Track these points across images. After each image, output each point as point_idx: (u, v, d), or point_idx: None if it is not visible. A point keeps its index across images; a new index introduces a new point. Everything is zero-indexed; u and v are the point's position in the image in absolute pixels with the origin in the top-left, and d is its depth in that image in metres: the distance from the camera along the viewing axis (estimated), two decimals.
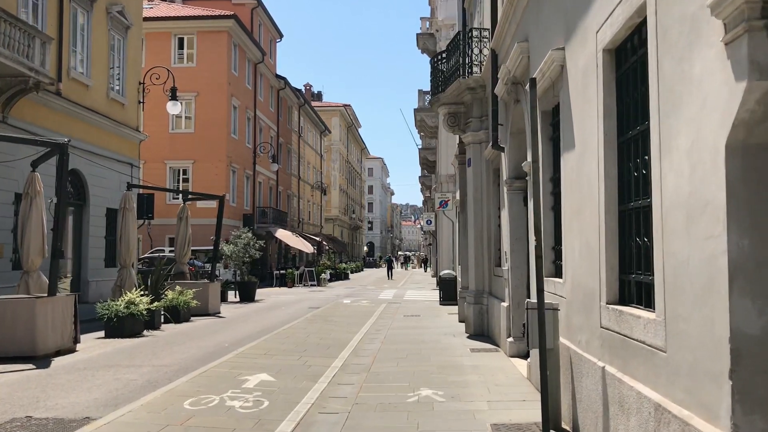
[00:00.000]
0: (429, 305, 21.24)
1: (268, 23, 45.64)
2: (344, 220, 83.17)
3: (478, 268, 13.24)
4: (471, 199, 13.45)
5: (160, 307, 15.14)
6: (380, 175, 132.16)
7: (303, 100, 56.19)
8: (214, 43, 36.18)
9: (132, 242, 16.60)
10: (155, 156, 35.69)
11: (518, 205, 10.34)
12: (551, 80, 6.87)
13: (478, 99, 13.27)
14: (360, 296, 26.77)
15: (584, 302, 5.61)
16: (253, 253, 23.98)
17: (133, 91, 24.33)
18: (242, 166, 39.21)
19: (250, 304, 22.18)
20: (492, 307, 12.48)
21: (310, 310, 19.83)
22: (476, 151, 13.29)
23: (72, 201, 20.70)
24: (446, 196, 24.34)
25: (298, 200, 55.74)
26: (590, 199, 5.36)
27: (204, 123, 35.95)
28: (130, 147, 24.19)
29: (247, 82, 40.55)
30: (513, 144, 10.28)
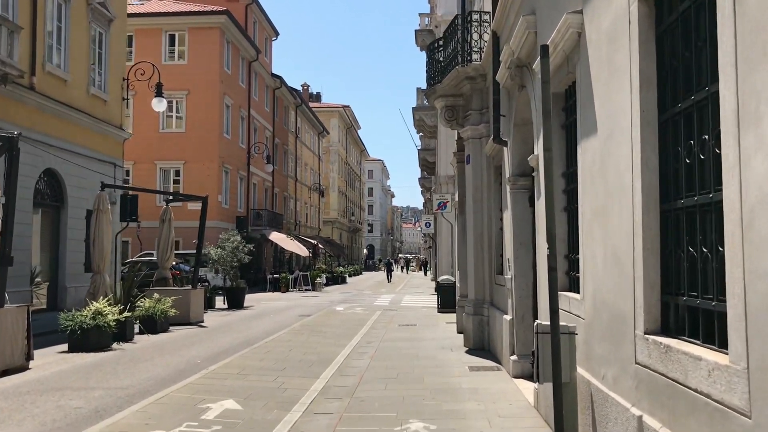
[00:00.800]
0: (426, 313, 20.05)
1: (263, 20, 44.49)
2: (343, 223, 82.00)
3: (477, 275, 12.05)
4: (470, 200, 12.28)
5: (133, 317, 13.96)
6: (380, 177, 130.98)
7: (300, 100, 55.05)
8: (206, 40, 35.04)
9: (106, 246, 15.43)
10: (145, 156, 34.57)
11: (523, 206, 9.16)
12: (565, 53, 5.69)
13: (478, 90, 12.09)
14: (355, 302, 25.58)
15: (611, 327, 4.43)
16: (242, 257, 22.79)
17: (116, 87, 23.17)
18: (235, 167, 38.04)
19: (238, 312, 21.00)
20: (493, 319, 11.29)
21: (299, 318, 18.65)
22: (476, 146, 12.12)
23: (48, 202, 19.55)
24: (445, 197, 23.17)
25: (295, 202, 54.56)
26: (620, 195, 4.19)
27: (195, 122, 34.80)
28: (113, 146, 23.02)
29: (241, 80, 39.39)
30: (517, 137, 9.11)
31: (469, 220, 12.40)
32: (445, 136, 32.70)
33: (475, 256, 12.05)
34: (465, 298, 13.94)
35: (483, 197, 11.94)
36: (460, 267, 15.01)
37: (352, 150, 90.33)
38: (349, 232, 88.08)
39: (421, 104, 34.45)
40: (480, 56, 11.69)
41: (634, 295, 3.88)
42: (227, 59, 36.61)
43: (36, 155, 18.12)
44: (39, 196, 18.78)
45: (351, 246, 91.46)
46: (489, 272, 11.80)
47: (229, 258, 22.42)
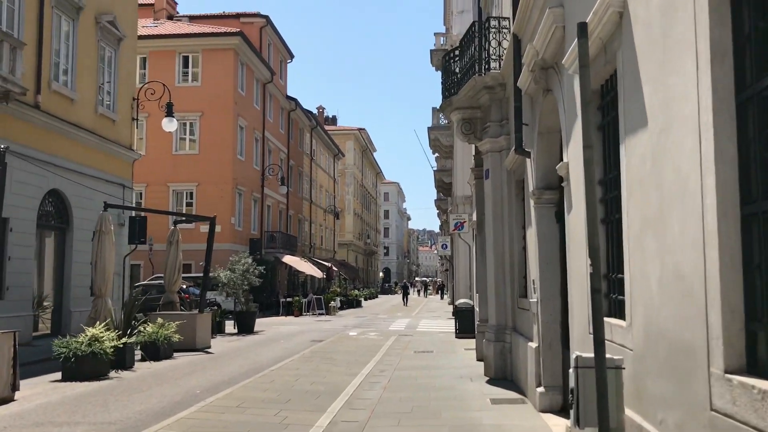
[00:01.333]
0: (444, 338, 19.15)
1: (278, 43, 44.27)
2: (359, 246, 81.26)
3: (498, 298, 11.20)
4: (490, 217, 11.47)
5: (134, 343, 13.24)
6: (396, 199, 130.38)
7: (315, 122, 54.71)
8: (220, 62, 34.75)
9: (108, 269, 14.78)
10: (158, 178, 34.18)
11: (549, 222, 8.35)
12: (602, 41, 4.93)
13: (497, 100, 11.35)
14: (369, 327, 24.72)
15: (671, 362, 3.60)
16: (253, 280, 22.06)
17: (126, 107, 22.73)
18: (249, 189, 37.52)
19: (248, 337, 20.22)
20: (516, 346, 10.41)
21: (311, 343, 17.82)
22: (495, 160, 11.34)
23: (53, 224, 19.01)
24: (462, 217, 22.37)
25: (310, 225, 53.96)
26: (682, 198, 3.39)
27: (209, 144, 34.39)
28: (122, 166, 22.51)
29: (255, 102, 39.04)
30: (541, 147, 8.33)
31: (489, 240, 11.59)
32: (461, 155, 31.97)
33: (496, 277, 11.22)
34: (485, 323, 13.07)
35: (503, 214, 11.13)
36: (479, 290, 14.18)
37: (367, 172, 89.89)
38: (364, 255, 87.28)
39: (437, 124, 33.83)
40: (499, 64, 10.97)
41: (707, 323, 3.07)
42: (241, 81, 36.28)
43: (41, 175, 17.62)
44: (43, 218, 18.23)
45: (367, 269, 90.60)
46: (511, 295, 10.95)
47: (239, 281, 21.70)
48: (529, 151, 8.81)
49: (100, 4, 20.62)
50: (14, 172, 16.61)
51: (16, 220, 16.67)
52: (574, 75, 5.95)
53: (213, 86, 34.55)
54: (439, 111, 34.88)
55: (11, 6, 16.58)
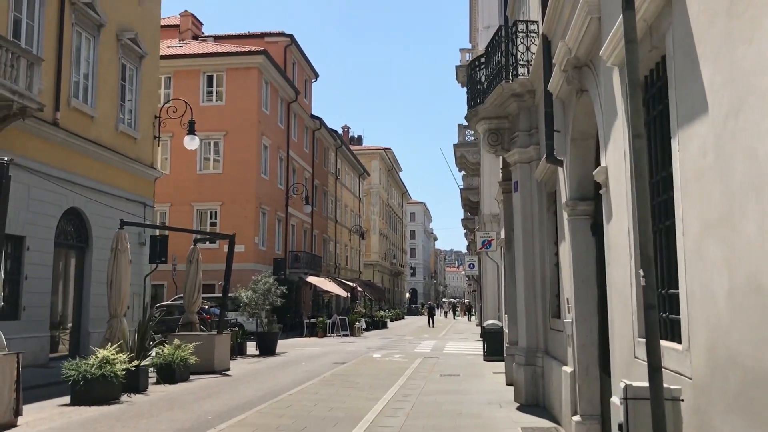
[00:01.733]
0: (471, 361, 18.40)
1: (302, 61, 44.22)
2: (385, 266, 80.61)
3: (529, 319, 10.50)
4: (519, 233, 10.81)
5: (147, 365, 12.76)
6: (423, 219, 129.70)
7: (340, 141, 54.50)
8: (244, 80, 34.66)
9: (124, 288, 14.36)
10: (182, 198, 34.05)
11: (584, 236, 7.69)
12: (646, 23, 4.34)
13: (526, 108, 10.75)
14: (394, 349, 24.02)
15: (746, 394, 2.94)
16: (275, 300, 21.55)
17: (147, 124, 22.54)
18: (273, 208, 37.22)
19: (269, 359, 19.67)
20: (549, 370, 9.70)
21: (332, 366, 17.21)
22: (524, 172, 10.71)
23: (72, 243, 18.73)
24: (489, 235, 21.68)
25: (335, 244, 53.52)
26: (758, 191, 2.76)
27: (233, 163, 34.20)
28: (144, 185, 22.27)
29: (280, 121, 38.88)
30: (575, 154, 7.70)
31: (518, 257, 10.92)
32: (488, 172, 31.32)
33: (526, 297, 10.53)
34: (515, 345, 12.37)
35: (534, 229, 10.48)
36: (508, 310, 13.48)
37: (393, 192, 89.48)
38: (390, 276, 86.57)
39: (463, 141, 33.26)
40: (527, 70, 10.39)
41: None
42: (265, 100, 36.15)
43: (59, 193, 17.39)
44: (62, 236, 17.97)
45: (393, 289, 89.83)
46: (543, 316, 10.25)
47: (260, 301, 21.20)
48: (562, 160, 8.18)
49: (121, 21, 20.52)
50: (32, 190, 16.41)
51: (34, 238, 16.41)
52: (612, 68, 5.36)
53: (237, 105, 34.44)
54: (465, 127, 34.35)
55: (30, 23, 16.47)
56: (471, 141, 33.15)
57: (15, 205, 15.99)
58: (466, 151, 32.89)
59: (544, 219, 10.16)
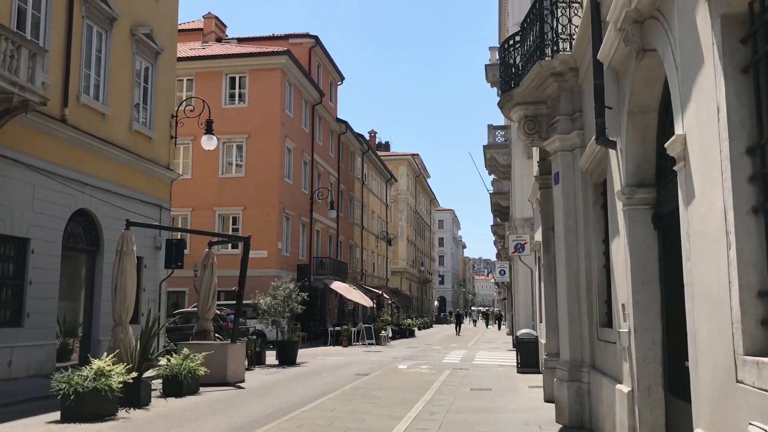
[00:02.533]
0: (504, 373, 17.09)
1: (328, 64, 43.31)
2: (412, 273, 79.32)
3: (573, 328, 9.21)
4: (561, 231, 9.54)
5: (150, 377, 11.73)
6: (451, 227, 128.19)
7: (367, 146, 53.50)
8: (267, 82, 33.80)
9: (129, 293, 13.37)
10: (204, 203, 33.26)
11: (643, 229, 6.44)
12: None
13: (567, 89, 9.50)
14: (421, 359, 22.76)
15: None
16: (295, 306, 20.45)
17: (163, 124, 21.68)
18: (297, 213, 36.24)
19: (288, 369, 18.56)
20: (597, 387, 8.40)
21: (354, 378, 16.04)
22: (566, 161, 9.45)
23: (82, 246, 17.86)
24: (522, 238, 20.38)
25: (361, 251, 52.43)
26: None
27: (255, 167, 33.31)
28: (159, 187, 21.39)
29: (304, 124, 37.96)
30: (633, 132, 6.45)
31: (560, 258, 9.64)
32: (519, 174, 29.98)
33: (569, 303, 9.25)
34: (554, 357, 11.10)
35: (578, 225, 9.20)
36: (547, 317, 12.19)
37: (421, 199, 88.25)
38: (418, 283, 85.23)
39: (493, 142, 31.96)
40: (569, 45, 9.15)
41: None
42: (289, 102, 35.25)
43: (67, 194, 16.54)
44: (71, 239, 17.11)
45: (421, 297, 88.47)
46: (589, 325, 8.96)
47: (280, 308, 20.12)
48: (614, 141, 6.93)
49: (136, 16, 19.71)
50: (37, 190, 15.56)
51: (39, 241, 15.54)
52: (696, 2, 4.13)
53: (260, 107, 33.59)
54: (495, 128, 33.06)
55: (36, 14, 15.66)
56: (501, 142, 31.85)
57: (18, 205, 15.16)
58: (497, 152, 31.58)
59: (590, 214, 8.88)
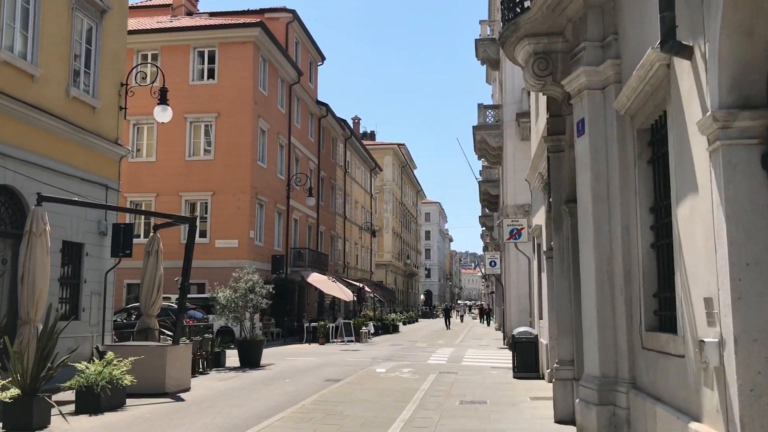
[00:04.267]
0: (498, 378, 14.65)
1: (307, 41, 40.61)
2: (398, 266, 76.91)
3: (604, 332, 6.71)
4: (587, 201, 7.02)
5: (49, 392, 9.17)
6: (438, 220, 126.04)
7: (350, 132, 50.88)
8: (238, 56, 31.08)
9: (39, 283, 10.82)
10: (169, 188, 30.58)
11: (749, 178, 3.98)
12: None
13: (597, 5, 7.01)
14: (404, 359, 20.30)
15: None
16: (258, 300, 17.87)
17: (110, 92, 18.92)
18: (272, 200, 33.60)
19: (249, 373, 16.03)
20: (644, 416, 5.92)
21: (323, 385, 13.56)
22: (595, 103, 6.95)
23: (6, 230, 15.19)
24: (519, 223, 17.93)
25: (344, 242, 49.87)
26: None
27: (226, 149, 30.61)
28: (104, 164, 18.64)
29: (280, 104, 35.28)
30: (733, 19, 3.97)
31: (585, 238, 7.14)
32: (512, 157, 27.56)
33: (599, 298, 6.75)
34: (567, 365, 8.74)
35: (611, 191, 6.71)
36: (558, 316, 9.74)
37: (407, 190, 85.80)
38: (404, 277, 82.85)
39: (483, 122, 29.50)
40: None
41: None
42: (263, 79, 32.55)
43: None
44: None
45: (407, 291, 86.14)
46: (628, 327, 6.47)
47: (241, 302, 17.56)
48: (690, 45, 4.45)
49: None
50: None
51: None
52: None
53: (231, 84, 30.88)
54: (486, 107, 30.60)
55: None
56: (492, 123, 29.41)
57: None
58: (487, 134, 29.16)
59: (631, 174, 6.38)
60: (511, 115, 27.59)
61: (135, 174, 30.79)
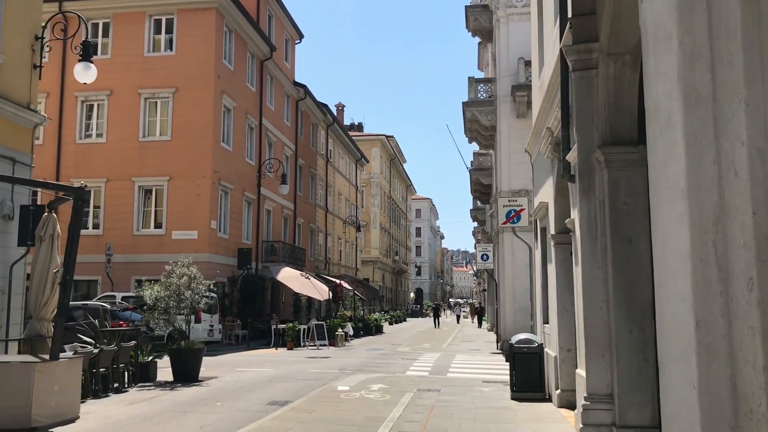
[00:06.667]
0: (492, 400, 11.33)
1: (282, 16, 37.18)
2: (386, 263, 73.60)
3: (709, 369, 3.37)
4: (671, 108, 3.67)
5: None
6: (429, 216, 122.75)
7: (332, 118, 47.44)
8: (199, 24, 27.65)
9: None
10: (121, 172, 27.20)
11: None
12: None
13: None
14: (377, 369, 16.96)
15: None
16: (197, 300, 14.48)
17: (20, 46, 15.49)
18: (240, 188, 30.17)
19: (176, 391, 12.66)
20: None
21: (263, 411, 10.25)
22: None
23: None
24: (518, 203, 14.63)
25: (325, 236, 46.47)
26: None
27: (184, 128, 27.18)
28: (13, 133, 15.21)
29: (249, 81, 31.84)
30: None
31: (662, 181, 3.78)
32: (507, 137, 24.26)
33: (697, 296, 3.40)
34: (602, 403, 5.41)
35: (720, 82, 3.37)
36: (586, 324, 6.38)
37: (396, 184, 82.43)
38: (393, 274, 79.53)
39: (474, 98, 26.17)
40: None
41: None
42: (228, 50, 29.12)
43: None
44: None
45: (396, 289, 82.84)
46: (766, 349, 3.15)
47: (173, 301, 14.16)
48: None
49: None
50: None
51: None
52: None
53: (190, 55, 27.45)
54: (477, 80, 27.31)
55: None
56: (485, 98, 26.08)
57: None
58: (479, 110, 25.84)
59: None
60: (505, 88, 24.30)
61: (82, 156, 27.41)
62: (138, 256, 26.35)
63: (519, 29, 24.37)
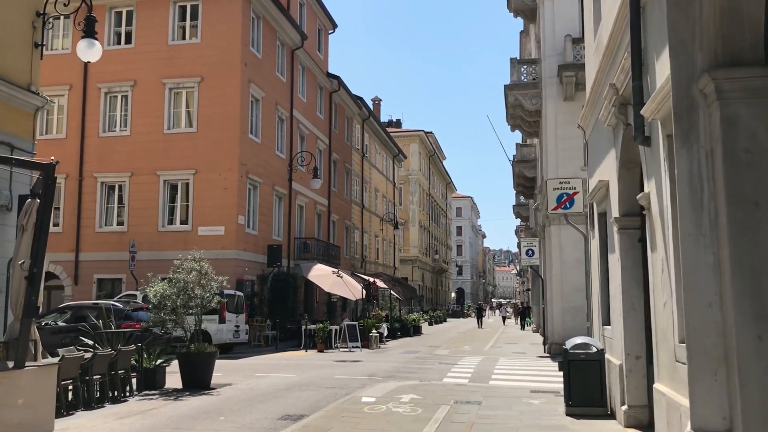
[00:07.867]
0: (543, 416, 9.51)
1: (314, 3, 35.75)
2: (426, 262, 71.77)
3: None
4: None
5: None
6: (470, 215, 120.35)
7: (368, 112, 45.87)
8: (225, 11, 26.34)
9: None
10: (144, 166, 26.09)
11: None
12: None
13: None
14: (411, 376, 15.25)
15: None
16: (207, 298, 13.00)
17: (18, 22, 14.33)
18: (269, 182, 28.79)
19: (181, 401, 11.17)
20: None
21: (274, 427, 8.67)
22: None
23: None
24: (571, 185, 12.79)
25: (361, 234, 44.94)
26: None
27: (210, 118, 25.93)
28: (13, 117, 14.06)
29: (279, 70, 30.45)
30: None
31: None
32: (553, 122, 22.31)
33: None
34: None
35: None
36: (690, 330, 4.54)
37: (435, 181, 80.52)
38: (433, 273, 77.64)
39: (517, 81, 24.24)
40: None
41: None
42: (256, 38, 27.77)
43: None
44: None
45: (436, 288, 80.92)
46: None
47: (180, 300, 12.69)
48: None
49: None
50: None
51: None
52: None
53: (216, 43, 26.18)
54: (520, 62, 25.38)
55: None
56: (529, 80, 24.14)
57: None
58: (522, 94, 23.94)
59: None
60: (551, 69, 22.38)
61: (106, 149, 26.40)
62: (163, 254, 25.04)
63: (565, 4, 22.41)
